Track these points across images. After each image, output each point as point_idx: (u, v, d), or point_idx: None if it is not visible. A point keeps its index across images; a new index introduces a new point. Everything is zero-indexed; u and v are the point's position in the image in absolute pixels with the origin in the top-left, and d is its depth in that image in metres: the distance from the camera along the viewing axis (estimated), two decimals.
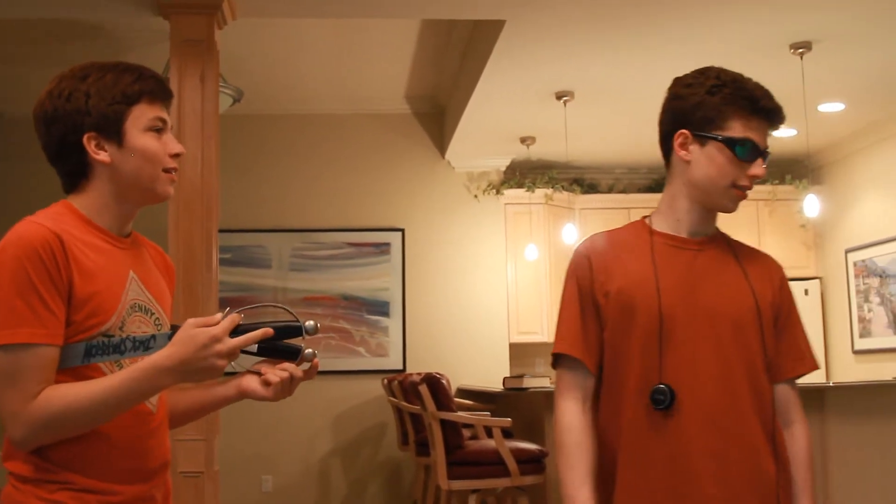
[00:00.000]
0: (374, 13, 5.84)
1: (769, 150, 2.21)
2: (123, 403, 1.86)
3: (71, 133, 1.96)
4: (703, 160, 2.19)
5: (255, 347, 1.93)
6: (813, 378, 8.44)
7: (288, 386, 1.98)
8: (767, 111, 2.18)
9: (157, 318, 2.03)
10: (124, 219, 2.04)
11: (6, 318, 1.81)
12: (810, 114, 7.57)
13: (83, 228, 1.95)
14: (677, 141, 2.21)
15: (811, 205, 6.94)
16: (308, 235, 8.66)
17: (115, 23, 6.61)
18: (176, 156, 2.03)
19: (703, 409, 2.12)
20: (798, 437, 2.24)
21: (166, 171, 2.02)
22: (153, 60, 3.93)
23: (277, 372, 1.97)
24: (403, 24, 6.95)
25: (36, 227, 1.86)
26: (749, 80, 2.21)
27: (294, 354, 1.97)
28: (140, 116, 1.98)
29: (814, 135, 8.20)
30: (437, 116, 8.90)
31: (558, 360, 2.26)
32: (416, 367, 8.28)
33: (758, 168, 2.18)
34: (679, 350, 2.14)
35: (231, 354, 1.86)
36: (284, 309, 2.10)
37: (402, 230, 8.76)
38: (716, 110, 2.16)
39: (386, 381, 7.98)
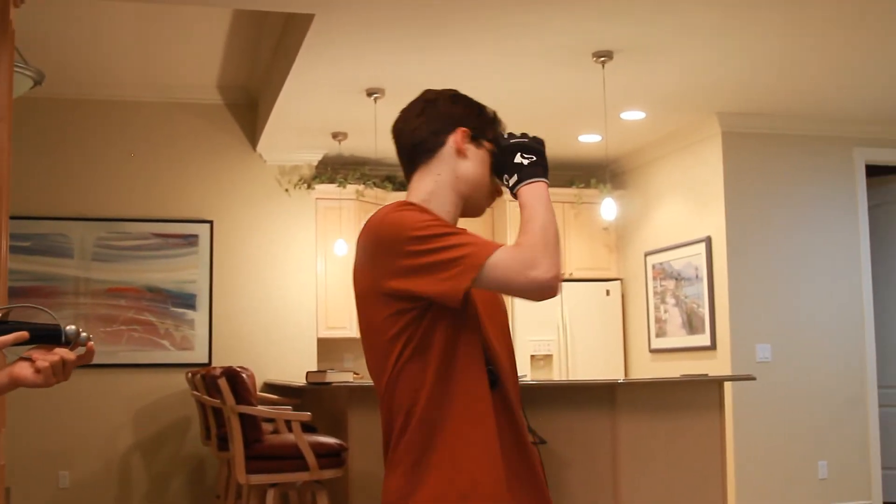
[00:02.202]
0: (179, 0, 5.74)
1: None
2: None
3: None
4: (477, 160, 2.32)
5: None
6: (605, 374, 8.64)
7: (60, 371, 1.94)
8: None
9: None
10: None
11: None
12: (614, 121, 7.84)
13: None
14: (458, 135, 2.30)
15: (608, 209, 7.20)
16: (113, 225, 8.44)
17: None
18: None
19: (511, 395, 2.25)
20: None
21: None
22: None
23: (48, 357, 1.93)
24: (215, 12, 6.85)
25: None
26: None
27: (68, 340, 1.95)
28: None
29: (616, 141, 8.50)
30: (249, 108, 8.80)
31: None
32: (223, 361, 8.15)
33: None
34: (487, 335, 2.24)
35: None
36: (45, 311, 2.06)
37: (211, 222, 8.64)
38: (489, 125, 2.35)
39: (190, 374, 7.86)
